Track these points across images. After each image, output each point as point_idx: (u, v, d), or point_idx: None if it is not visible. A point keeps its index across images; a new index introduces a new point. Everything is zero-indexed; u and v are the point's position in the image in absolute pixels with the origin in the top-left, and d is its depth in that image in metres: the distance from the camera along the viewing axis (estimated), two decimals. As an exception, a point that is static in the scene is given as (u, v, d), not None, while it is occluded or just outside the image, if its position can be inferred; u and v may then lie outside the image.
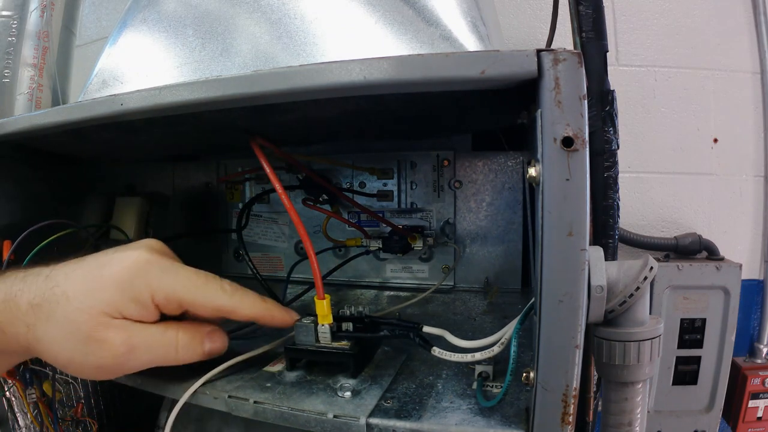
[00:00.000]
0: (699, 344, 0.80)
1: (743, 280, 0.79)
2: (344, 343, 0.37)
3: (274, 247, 0.70)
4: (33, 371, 0.47)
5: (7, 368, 0.36)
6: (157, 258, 0.34)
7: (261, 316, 0.36)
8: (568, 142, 0.24)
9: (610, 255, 0.51)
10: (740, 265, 0.79)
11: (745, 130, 0.85)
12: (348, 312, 0.39)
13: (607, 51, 0.50)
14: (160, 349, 0.34)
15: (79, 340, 0.32)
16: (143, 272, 0.33)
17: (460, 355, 0.34)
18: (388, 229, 0.61)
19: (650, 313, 0.30)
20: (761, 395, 0.83)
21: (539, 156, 0.25)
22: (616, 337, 0.30)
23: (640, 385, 0.30)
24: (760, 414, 0.84)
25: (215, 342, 0.36)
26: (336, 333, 0.37)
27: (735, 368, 0.83)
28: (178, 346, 0.34)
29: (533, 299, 0.32)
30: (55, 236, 0.47)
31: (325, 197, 0.62)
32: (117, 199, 0.62)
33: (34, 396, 0.53)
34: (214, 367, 0.39)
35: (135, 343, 0.33)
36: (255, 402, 0.34)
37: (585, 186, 0.24)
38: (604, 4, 0.50)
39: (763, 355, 0.86)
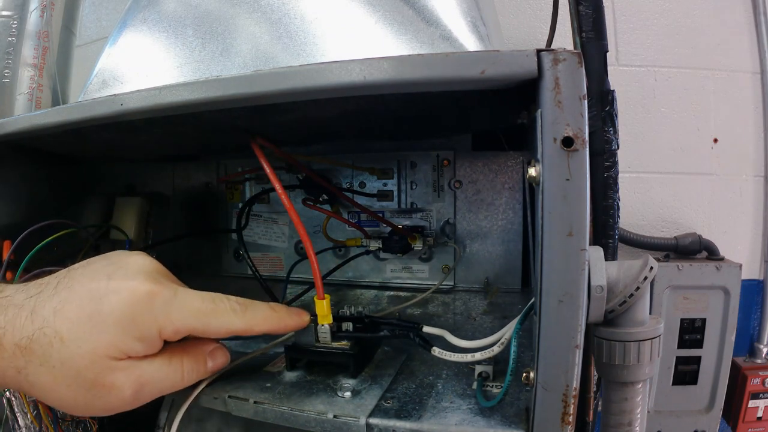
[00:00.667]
0: (699, 344, 0.80)
1: (743, 280, 0.79)
2: (344, 343, 0.37)
3: (274, 247, 0.70)
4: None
5: None
6: (159, 288, 0.31)
7: (276, 329, 0.35)
8: (568, 142, 0.24)
9: (610, 255, 0.51)
10: (740, 265, 0.79)
11: (745, 130, 0.85)
12: (348, 312, 0.39)
13: (607, 51, 0.50)
14: (167, 381, 0.32)
15: (82, 386, 0.30)
16: (147, 308, 0.30)
17: (460, 355, 0.34)
18: (388, 229, 0.61)
19: (650, 313, 0.30)
20: (761, 395, 0.83)
21: (539, 156, 0.25)
22: (616, 337, 0.30)
23: (640, 385, 0.30)
24: (760, 414, 0.84)
25: (218, 359, 0.35)
26: (336, 333, 0.37)
27: (735, 368, 0.83)
28: (184, 372, 0.33)
29: (533, 299, 0.32)
30: (55, 236, 0.47)
31: (325, 197, 0.62)
32: (117, 199, 0.62)
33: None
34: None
35: (143, 382, 0.31)
36: (255, 402, 0.34)
37: (585, 186, 0.24)
38: (604, 4, 0.50)
39: (763, 355, 0.86)
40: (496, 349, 0.33)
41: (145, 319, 0.30)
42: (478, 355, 0.33)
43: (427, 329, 0.38)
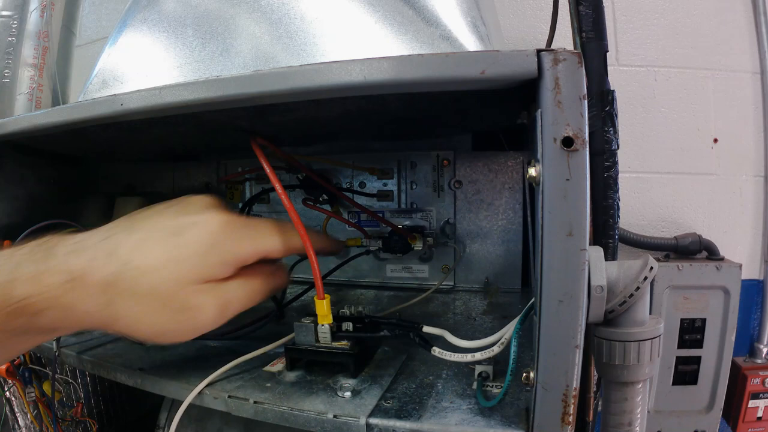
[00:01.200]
0: (699, 344, 0.80)
1: (743, 280, 0.79)
2: (344, 343, 0.37)
3: (274, 247, 0.70)
4: (33, 371, 0.47)
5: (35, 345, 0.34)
6: (232, 218, 0.34)
7: (324, 248, 0.39)
8: (568, 142, 0.24)
9: (610, 255, 0.51)
10: (740, 265, 0.79)
11: (745, 130, 0.85)
12: (348, 312, 0.39)
13: (607, 51, 0.50)
14: (244, 299, 0.35)
15: (172, 311, 0.32)
16: (225, 237, 0.33)
17: (460, 355, 0.34)
18: (389, 229, 0.61)
19: (650, 313, 0.30)
20: (761, 395, 0.83)
21: (539, 156, 0.25)
22: (616, 337, 0.30)
23: (640, 385, 0.30)
24: (760, 414, 0.84)
25: (282, 278, 0.38)
26: (336, 333, 0.37)
27: (735, 368, 0.83)
28: (257, 290, 0.36)
29: (533, 299, 0.32)
30: (55, 236, 0.47)
31: (325, 197, 0.62)
32: (117, 199, 0.62)
33: (33, 396, 0.53)
34: (214, 367, 0.39)
35: (225, 301, 0.34)
36: (255, 402, 0.34)
37: (585, 186, 0.24)
38: (604, 4, 0.50)
39: (763, 355, 0.86)
40: (496, 349, 0.33)
41: (225, 246, 0.33)
42: (478, 355, 0.33)
43: (427, 329, 0.38)
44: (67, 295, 0.31)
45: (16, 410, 0.61)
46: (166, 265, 0.32)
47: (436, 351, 0.35)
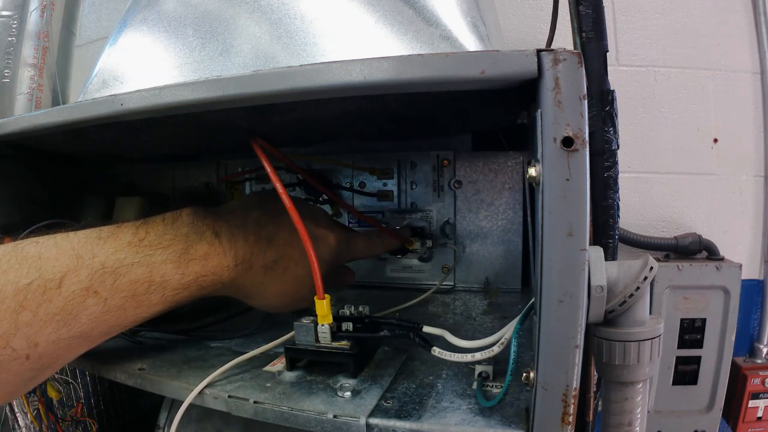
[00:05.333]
0: (699, 344, 0.80)
1: (743, 280, 0.79)
2: (344, 343, 0.37)
3: (274, 247, 0.70)
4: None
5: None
6: (343, 235, 0.46)
7: (393, 247, 0.56)
8: (568, 142, 0.24)
9: (610, 255, 0.51)
10: (740, 265, 0.79)
11: (745, 130, 0.85)
12: (348, 312, 0.39)
13: (607, 51, 0.50)
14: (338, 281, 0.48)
15: (293, 296, 0.41)
16: (340, 249, 0.44)
17: (460, 355, 0.34)
18: (388, 229, 0.61)
19: (650, 313, 0.30)
20: (761, 395, 0.83)
21: (539, 156, 0.25)
22: (616, 337, 0.30)
23: (640, 385, 0.30)
24: (760, 414, 0.84)
25: (351, 278, 0.52)
26: (336, 333, 0.37)
27: (735, 368, 0.83)
28: (334, 286, 0.48)
29: (533, 299, 0.32)
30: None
31: (326, 197, 0.62)
32: (117, 199, 0.62)
33: (34, 396, 0.53)
34: (214, 367, 0.39)
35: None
36: (255, 402, 0.34)
37: (585, 186, 0.24)
38: (604, 4, 0.50)
39: (763, 355, 0.86)
40: (496, 349, 0.33)
41: (339, 256, 0.45)
42: (478, 355, 0.33)
43: (427, 329, 0.38)
44: (234, 274, 0.37)
45: (16, 410, 0.61)
46: (305, 263, 0.39)
47: (436, 351, 0.35)
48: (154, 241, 0.34)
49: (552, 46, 0.34)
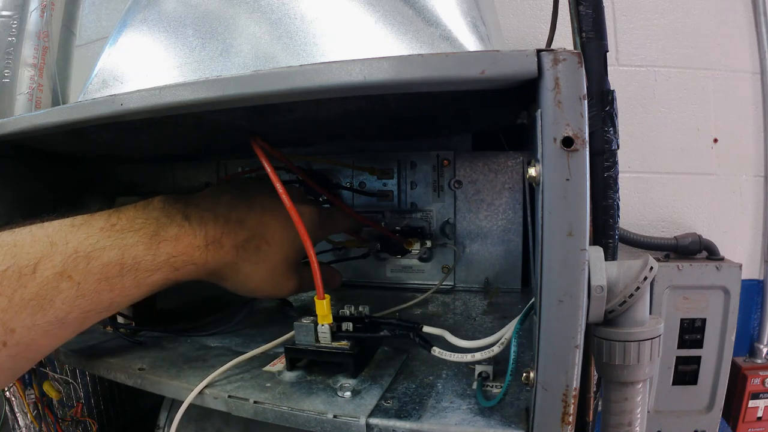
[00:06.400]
0: (699, 344, 0.80)
1: (743, 280, 0.79)
2: (344, 343, 0.37)
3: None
4: (32, 371, 0.47)
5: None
6: (319, 209, 0.45)
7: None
8: (568, 142, 0.24)
9: (610, 255, 0.51)
10: (740, 265, 0.79)
11: (745, 130, 0.85)
12: (348, 312, 0.39)
13: (607, 51, 0.50)
14: (308, 285, 0.45)
15: (274, 277, 0.42)
16: (319, 224, 0.45)
17: (460, 355, 0.34)
18: (388, 229, 0.61)
19: (650, 313, 0.30)
20: (761, 395, 0.83)
21: (539, 156, 0.25)
22: (616, 337, 0.30)
23: (640, 385, 0.30)
24: (760, 414, 0.84)
25: (336, 280, 0.51)
26: (336, 333, 0.37)
27: (735, 368, 0.83)
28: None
29: (533, 299, 0.32)
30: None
31: (324, 198, 0.62)
32: (117, 199, 0.62)
33: (33, 396, 0.53)
34: (214, 367, 0.39)
35: (303, 282, 0.44)
36: (255, 402, 0.34)
37: (585, 186, 0.24)
38: (604, 4, 0.50)
39: (763, 355, 0.86)
40: (496, 349, 0.33)
41: (318, 233, 0.46)
42: (478, 355, 0.33)
43: (427, 329, 0.38)
44: (205, 255, 0.37)
45: (16, 410, 0.61)
46: (281, 242, 0.41)
47: (436, 351, 0.35)
48: (126, 225, 0.34)
49: (552, 46, 0.34)
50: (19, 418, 0.61)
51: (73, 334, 0.33)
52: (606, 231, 0.50)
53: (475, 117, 0.47)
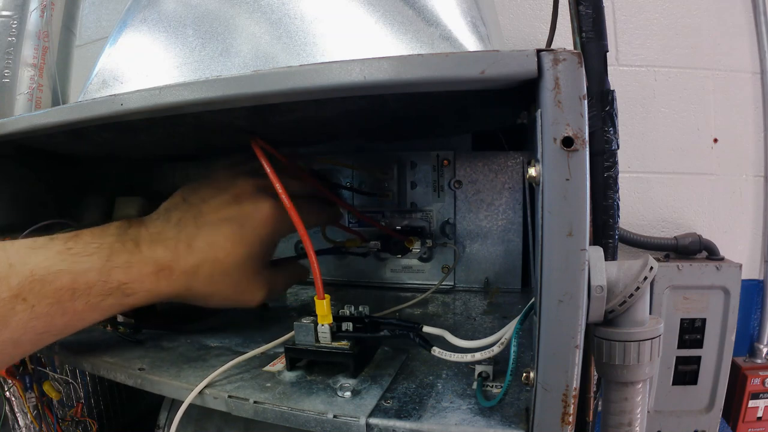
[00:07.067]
0: (699, 344, 0.80)
1: (743, 280, 0.79)
2: (344, 343, 0.37)
3: (274, 247, 0.70)
4: (33, 371, 0.47)
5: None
6: (279, 205, 0.40)
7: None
8: (568, 142, 0.24)
9: (610, 255, 0.51)
10: (740, 265, 0.79)
11: (745, 130, 0.85)
12: (348, 312, 0.39)
13: (607, 51, 0.50)
14: (280, 286, 0.46)
15: (237, 293, 0.42)
16: (279, 221, 0.41)
17: (460, 355, 0.34)
18: (388, 229, 0.61)
19: (650, 313, 0.30)
20: (761, 395, 0.83)
21: (539, 156, 0.25)
22: (616, 337, 0.30)
23: (640, 385, 0.30)
24: (760, 414, 0.84)
25: (304, 275, 0.50)
26: (336, 333, 0.37)
27: (735, 368, 0.83)
28: (287, 282, 0.48)
29: (533, 299, 0.32)
30: (55, 236, 0.47)
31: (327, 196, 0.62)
32: (117, 199, 0.62)
33: (33, 396, 0.53)
34: (214, 367, 0.39)
35: (272, 287, 0.44)
36: (255, 402, 0.34)
37: (585, 186, 0.24)
38: (604, 4, 0.50)
39: (763, 355, 0.86)
40: (496, 349, 0.33)
41: (276, 235, 0.43)
42: (478, 355, 0.33)
43: (427, 329, 0.38)
44: (156, 281, 0.37)
45: (16, 410, 0.61)
46: (236, 260, 0.40)
47: (436, 351, 0.35)
48: (81, 250, 0.35)
49: (552, 46, 0.34)
50: (19, 418, 0.61)
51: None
52: (606, 231, 0.50)
53: (475, 117, 0.47)
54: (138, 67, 0.42)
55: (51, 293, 0.33)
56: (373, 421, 0.31)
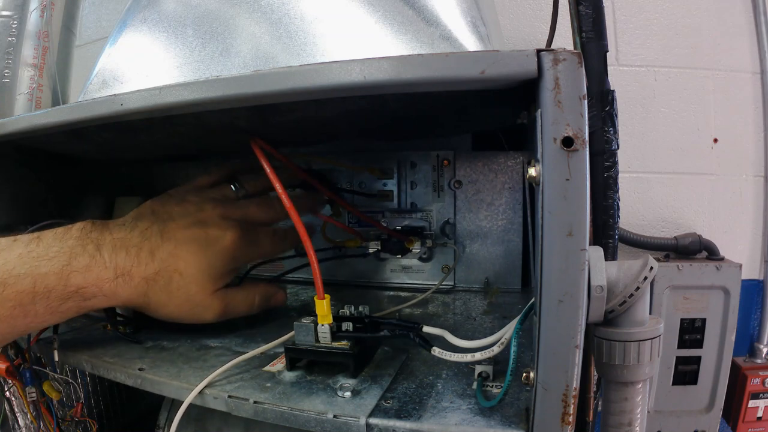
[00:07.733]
0: (699, 344, 0.80)
1: (743, 280, 0.79)
2: (344, 343, 0.37)
3: (274, 247, 0.70)
4: (33, 371, 0.47)
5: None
6: (243, 233, 0.44)
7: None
8: (568, 142, 0.24)
9: (610, 255, 0.51)
10: (740, 265, 0.79)
11: (745, 130, 0.85)
12: (348, 312, 0.39)
13: (607, 51, 0.50)
14: (244, 307, 0.46)
15: (191, 305, 0.42)
16: (240, 249, 0.43)
17: (460, 355, 0.34)
18: (388, 229, 0.61)
19: (650, 313, 0.30)
20: (761, 395, 0.83)
21: (539, 156, 0.25)
22: (616, 337, 0.30)
23: (640, 385, 0.30)
24: (760, 414, 0.84)
25: (279, 298, 0.50)
26: (336, 333, 0.37)
27: (735, 368, 0.83)
28: (255, 304, 0.47)
29: (533, 299, 0.32)
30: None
31: (325, 198, 0.62)
32: (117, 199, 0.62)
33: (33, 396, 0.53)
34: (214, 367, 0.39)
35: (229, 305, 0.44)
36: (255, 402, 0.34)
37: (585, 186, 0.24)
38: (604, 4, 0.50)
39: (763, 355, 0.86)
40: (496, 349, 0.33)
41: (239, 258, 0.44)
42: (478, 355, 0.33)
43: (427, 329, 0.38)
44: (115, 286, 0.38)
45: (16, 410, 0.61)
46: (195, 273, 0.41)
47: (436, 351, 0.35)
48: (42, 253, 0.35)
49: (552, 46, 0.34)
50: (19, 418, 0.61)
51: None
52: (606, 231, 0.50)
53: (475, 117, 0.47)
54: (138, 67, 0.42)
55: (12, 296, 0.33)
56: (373, 421, 0.31)
